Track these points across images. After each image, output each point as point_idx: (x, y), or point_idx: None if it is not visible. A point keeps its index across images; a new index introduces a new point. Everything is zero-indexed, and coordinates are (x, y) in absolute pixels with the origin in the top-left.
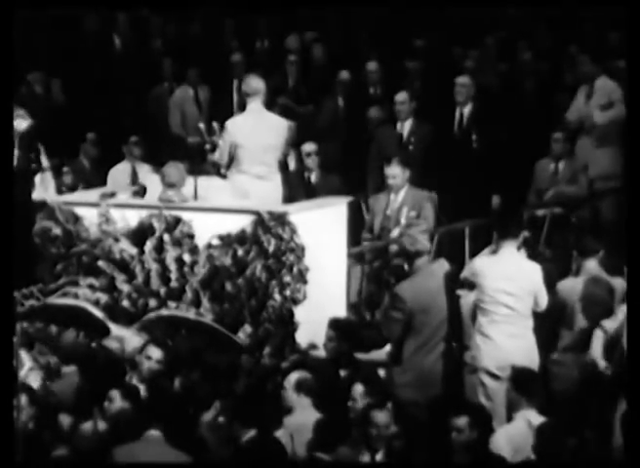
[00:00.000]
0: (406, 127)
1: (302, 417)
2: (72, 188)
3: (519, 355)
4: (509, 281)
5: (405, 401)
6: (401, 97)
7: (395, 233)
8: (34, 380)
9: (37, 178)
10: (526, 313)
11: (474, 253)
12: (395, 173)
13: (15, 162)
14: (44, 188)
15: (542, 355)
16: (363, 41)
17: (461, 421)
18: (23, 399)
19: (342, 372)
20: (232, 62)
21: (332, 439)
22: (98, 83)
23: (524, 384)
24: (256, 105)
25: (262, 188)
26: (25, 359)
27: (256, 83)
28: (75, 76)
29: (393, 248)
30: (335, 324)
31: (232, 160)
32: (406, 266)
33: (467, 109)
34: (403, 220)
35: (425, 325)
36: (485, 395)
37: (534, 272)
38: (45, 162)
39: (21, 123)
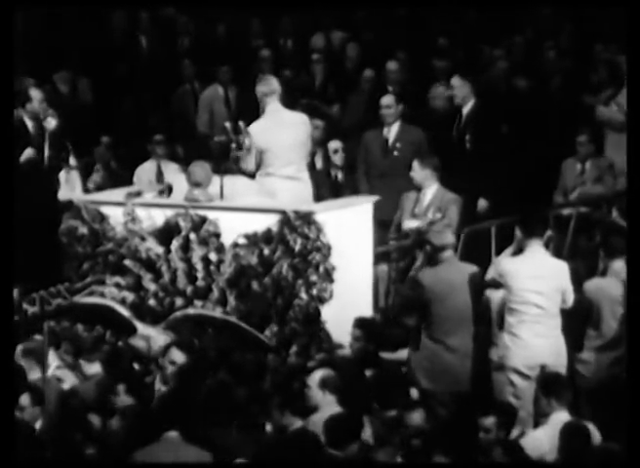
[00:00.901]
0: (392, 131)
1: (328, 415)
2: (101, 187)
3: (548, 354)
4: (538, 279)
5: (424, 390)
6: (387, 100)
7: (413, 224)
8: (63, 378)
9: (62, 177)
10: (555, 312)
11: (500, 253)
12: (412, 166)
13: (45, 161)
14: (70, 187)
15: (569, 355)
16: (389, 40)
17: (489, 421)
18: (29, 399)
19: (368, 371)
20: (260, 58)
21: (345, 436)
22: (124, 82)
23: (551, 386)
24: (274, 106)
25: (293, 188)
26: (52, 358)
27: (270, 83)
28: (102, 75)
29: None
30: (361, 323)
31: (259, 164)
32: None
33: (465, 110)
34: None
35: (441, 317)
36: (514, 394)
37: (561, 270)
38: (73, 161)
39: (51, 121)
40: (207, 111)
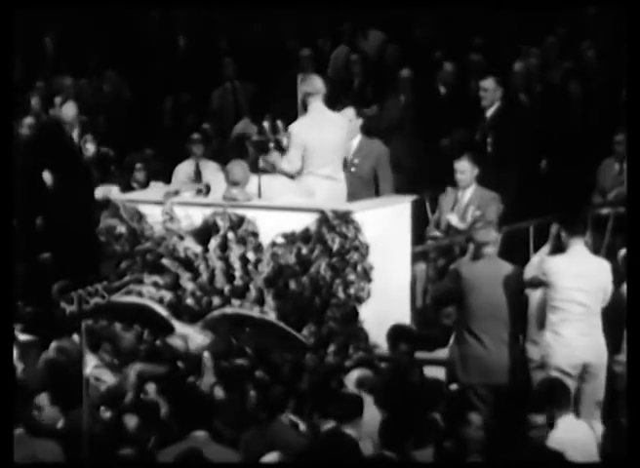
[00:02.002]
0: (351, 148)
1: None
2: (144, 185)
3: (590, 353)
4: (583, 278)
5: (458, 379)
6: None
7: (453, 218)
8: (103, 377)
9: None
10: (597, 310)
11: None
12: (464, 168)
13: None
14: (106, 189)
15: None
16: (425, 40)
17: (541, 418)
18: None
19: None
20: (300, 58)
21: (398, 437)
22: (162, 80)
23: (549, 396)
24: (316, 105)
25: (330, 188)
26: (90, 357)
27: (317, 82)
28: (141, 74)
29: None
30: (405, 336)
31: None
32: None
33: (489, 113)
34: (469, 219)
35: (476, 310)
36: None
37: (604, 268)
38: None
39: (90, 148)
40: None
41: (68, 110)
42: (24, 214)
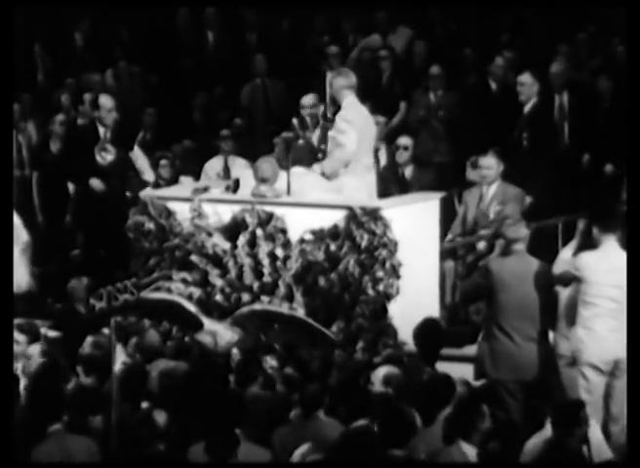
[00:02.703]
0: (315, 135)
1: None
2: (170, 182)
3: (622, 349)
4: (617, 273)
5: (487, 375)
6: (308, 100)
7: (482, 245)
8: None
9: None
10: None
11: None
12: (490, 164)
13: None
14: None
15: None
16: (457, 37)
17: None
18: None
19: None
20: (328, 54)
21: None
22: (192, 77)
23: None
24: (353, 99)
25: (362, 182)
26: (120, 353)
27: (352, 76)
28: (170, 70)
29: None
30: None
31: None
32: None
33: (527, 108)
34: (492, 215)
35: (506, 306)
36: (586, 389)
37: None
38: (151, 176)
39: (106, 156)
40: None
41: (106, 101)
42: (53, 211)
